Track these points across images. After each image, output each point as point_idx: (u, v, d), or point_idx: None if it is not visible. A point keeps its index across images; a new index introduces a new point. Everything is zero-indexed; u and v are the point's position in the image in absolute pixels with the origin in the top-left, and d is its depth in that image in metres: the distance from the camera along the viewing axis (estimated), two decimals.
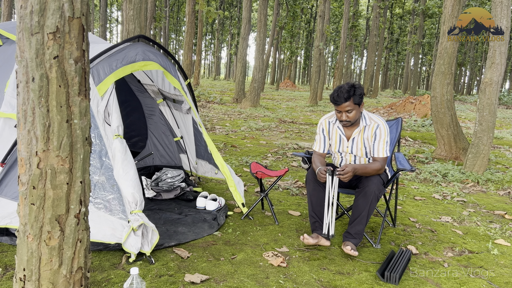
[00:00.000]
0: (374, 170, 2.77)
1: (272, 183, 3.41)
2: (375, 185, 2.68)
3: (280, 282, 2.31)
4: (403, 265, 2.51)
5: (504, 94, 25.54)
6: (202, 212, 3.35)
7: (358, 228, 2.73)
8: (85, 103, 1.63)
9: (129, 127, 4.50)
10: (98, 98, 2.70)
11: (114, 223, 2.50)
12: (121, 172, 2.52)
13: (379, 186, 2.70)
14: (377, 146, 2.83)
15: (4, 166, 2.57)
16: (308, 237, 2.73)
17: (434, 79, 6.40)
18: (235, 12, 40.73)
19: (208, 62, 63.91)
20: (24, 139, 1.58)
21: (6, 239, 2.58)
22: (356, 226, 2.73)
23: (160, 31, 27.80)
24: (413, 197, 4.29)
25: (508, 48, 7.75)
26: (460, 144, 6.33)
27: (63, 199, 1.63)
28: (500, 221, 3.65)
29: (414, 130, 10.32)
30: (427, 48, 42.44)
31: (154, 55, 3.12)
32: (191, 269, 2.41)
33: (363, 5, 44.76)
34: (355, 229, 2.73)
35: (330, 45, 49.03)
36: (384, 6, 23.37)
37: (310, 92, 18.03)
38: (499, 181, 5.13)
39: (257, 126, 9.28)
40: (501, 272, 2.61)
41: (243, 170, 5.04)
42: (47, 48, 1.50)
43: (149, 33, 15.08)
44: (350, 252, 2.62)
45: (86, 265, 1.79)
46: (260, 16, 13.98)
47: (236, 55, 26.62)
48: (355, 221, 2.73)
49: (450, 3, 6.06)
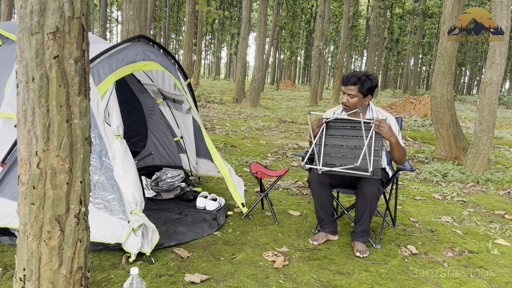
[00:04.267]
0: (403, 149, 2.72)
1: (272, 183, 3.41)
2: (373, 185, 2.69)
3: (280, 282, 2.31)
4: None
5: (504, 94, 25.55)
6: (202, 212, 3.35)
7: (363, 227, 2.79)
8: (85, 103, 1.63)
9: (129, 127, 4.50)
10: (98, 98, 2.70)
11: (114, 223, 2.50)
12: (121, 172, 2.52)
13: (377, 186, 2.70)
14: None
15: (4, 166, 2.56)
16: (316, 239, 2.91)
17: (434, 79, 6.40)
18: (235, 12, 40.72)
19: (208, 62, 63.91)
20: (24, 139, 1.58)
21: (6, 239, 2.58)
22: (361, 226, 2.79)
23: (160, 31, 27.80)
24: (413, 197, 4.29)
25: (508, 48, 7.75)
26: (460, 144, 6.33)
27: (63, 199, 1.63)
28: (500, 221, 3.65)
29: (414, 130, 10.32)
30: (427, 48, 42.44)
31: (154, 55, 3.12)
32: (191, 269, 2.41)
33: (363, 5, 44.75)
34: (361, 228, 2.80)
35: (330, 45, 49.04)
36: (384, 6, 23.37)
37: (310, 92, 18.04)
38: (499, 181, 5.13)
39: (257, 126, 9.28)
40: (501, 272, 2.61)
41: (243, 170, 5.04)
42: (47, 48, 1.49)
43: (149, 33, 15.08)
44: (359, 254, 2.72)
45: (86, 265, 1.79)
46: (260, 16, 13.98)
47: (236, 55, 26.61)
48: (360, 221, 2.79)
49: (450, 3, 6.06)
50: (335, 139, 2.75)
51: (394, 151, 2.70)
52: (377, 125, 2.58)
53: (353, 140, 2.70)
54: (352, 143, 2.70)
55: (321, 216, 2.94)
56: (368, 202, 2.70)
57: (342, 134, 2.74)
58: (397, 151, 2.69)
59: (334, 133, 2.77)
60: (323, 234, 2.95)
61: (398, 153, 2.70)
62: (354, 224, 2.87)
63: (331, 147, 2.76)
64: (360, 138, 2.67)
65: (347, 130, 2.73)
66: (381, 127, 2.57)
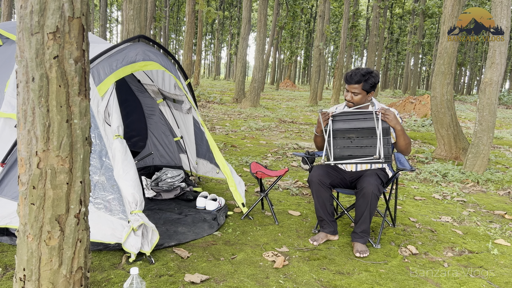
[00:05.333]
0: (408, 138, 2.84)
1: (272, 183, 3.41)
2: (373, 185, 2.69)
3: (280, 282, 2.31)
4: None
5: (504, 94, 25.55)
6: (202, 212, 3.35)
7: (363, 227, 2.80)
8: (85, 103, 1.63)
9: (129, 127, 4.50)
10: (98, 98, 2.70)
11: (114, 223, 2.50)
12: (121, 172, 2.52)
13: (377, 186, 2.71)
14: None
15: (4, 166, 2.56)
16: (316, 239, 2.91)
17: (434, 79, 6.40)
18: (235, 12, 40.72)
19: (208, 62, 63.91)
20: (24, 139, 1.58)
21: (6, 239, 2.58)
22: (361, 226, 2.80)
23: (160, 31, 27.80)
24: (413, 197, 4.29)
25: (508, 48, 7.75)
26: (460, 144, 6.33)
27: (63, 199, 1.63)
28: (500, 221, 3.65)
29: (414, 130, 10.32)
30: (427, 48, 42.44)
31: (155, 55, 3.11)
32: (191, 269, 2.41)
33: (363, 5, 44.74)
34: (361, 228, 2.80)
35: (330, 45, 49.03)
36: (384, 6, 23.36)
37: (310, 92, 18.03)
38: (499, 181, 5.13)
39: (257, 126, 9.28)
40: (501, 272, 2.61)
41: (243, 170, 5.04)
42: (47, 48, 1.49)
43: (149, 33, 15.08)
44: (359, 255, 2.72)
45: (86, 265, 1.79)
46: (260, 16, 13.97)
47: (236, 55, 26.62)
48: (359, 221, 2.80)
49: (450, 3, 6.06)
50: (343, 132, 2.85)
51: (400, 138, 2.81)
52: (383, 113, 2.72)
53: (361, 131, 2.81)
54: (361, 134, 2.81)
55: (321, 216, 2.94)
56: (368, 202, 2.70)
57: (349, 126, 2.84)
58: (403, 139, 2.81)
59: (341, 126, 2.85)
60: (323, 234, 2.96)
61: (404, 141, 2.82)
62: (354, 224, 2.87)
63: (340, 139, 2.86)
64: (368, 129, 2.78)
65: (354, 122, 2.82)
66: (387, 115, 2.73)
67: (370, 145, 2.78)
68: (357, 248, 2.75)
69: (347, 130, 2.82)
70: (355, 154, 2.83)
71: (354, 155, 2.83)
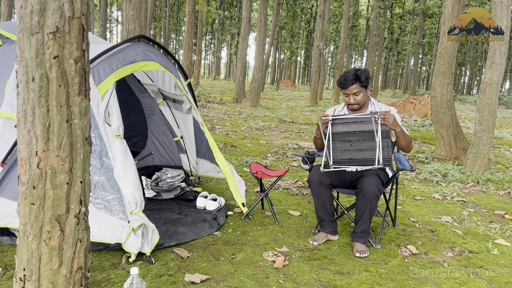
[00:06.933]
0: (408, 136, 2.81)
1: (272, 183, 3.41)
2: (373, 185, 2.69)
3: (280, 282, 2.31)
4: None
5: (504, 94, 25.55)
6: (202, 212, 3.35)
7: (363, 227, 2.79)
8: (85, 103, 1.63)
9: (129, 127, 4.50)
10: (99, 98, 2.70)
11: (114, 223, 2.50)
12: (121, 172, 2.52)
13: (377, 186, 2.71)
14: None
15: (4, 166, 2.56)
16: (316, 239, 2.90)
17: (434, 79, 6.40)
18: (235, 12, 40.72)
19: (208, 62, 63.91)
20: (24, 139, 1.58)
21: (6, 239, 2.58)
22: (361, 226, 2.80)
23: (160, 31, 27.79)
24: (413, 197, 4.29)
25: (508, 48, 7.75)
26: (460, 144, 6.33)
27: (63, 199, 1.63)
28: (500, 221, 3.65)
29: (414, 130, 10.32)
30: (427, 48, 42.44)
31: (155, 55, 3.11)
32: (191, 269, 2.41)
33: (363, 5, 44.74)
34: (361, 228, 2.80)
35: (330, 45, 49.01)
36: (384, 6, 23.36)
37: (310, 92, 18.03)
38: (499, 181, 5.13)
39: (257, 126, 9.28)
40: (501, 272, 2.61)
41: (243, 170, 5.04)
42: (47, 48, 1.49)
43: (149, 33, 15.07)
44: (359, 255, 2.72)
45: (86, 265, 1.79)
46: (260, 16, 13.97)
47: (236, 55, 26.61)
48: (359, 221, 2.79)
49: (450, 3, 6.06)
50: (343, 136, 2.83)
51: (400, 139, 2.79)
52: (382, 118, 2.66)
53: (361, 134, 2.78)
54: (361, 137, 2.78)
55: (321, 216, 2.94)
56: (368, 202, 2.70)
57: (349, 130, 2.82)
58: (403, 139, 2.78)
59: (340, 129, 2.83)
60: (323, 234, 2.96)
61: (404, 141, 2.79)
62: (354, 224, 2.87)
63: (340, 142, 2.83)
64: (368, 132, 2.75)
65: (353, 125, 2.80)
66: (386, 119, 2.66)
67: (370, 148, 2.75)
68: (357, 248, 2.75)
69: (346, 133, 2.80)
70: (355, 158, 2.80)
71: (354, 159, 2.80)
